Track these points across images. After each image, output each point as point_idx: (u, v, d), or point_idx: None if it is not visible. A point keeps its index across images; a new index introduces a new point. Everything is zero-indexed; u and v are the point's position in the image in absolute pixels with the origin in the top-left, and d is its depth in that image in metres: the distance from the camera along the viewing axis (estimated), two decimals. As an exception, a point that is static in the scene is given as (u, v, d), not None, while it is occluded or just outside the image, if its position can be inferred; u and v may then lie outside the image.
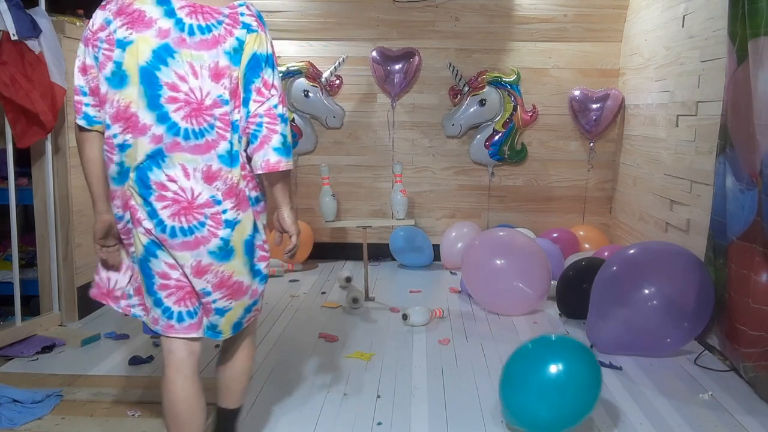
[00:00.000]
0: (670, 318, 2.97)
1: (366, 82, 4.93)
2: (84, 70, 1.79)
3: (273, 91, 1.77)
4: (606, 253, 4.00)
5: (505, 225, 4.85)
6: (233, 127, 1.75)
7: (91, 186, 1.88)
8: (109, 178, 1.83)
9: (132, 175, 1.74)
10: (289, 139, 1.80)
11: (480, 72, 4.83)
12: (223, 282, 1.80)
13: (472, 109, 4.80)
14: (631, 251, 3.24)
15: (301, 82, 4.85)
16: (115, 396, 2.58)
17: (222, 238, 1.77)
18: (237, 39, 1.72)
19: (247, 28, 1.74)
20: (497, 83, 4.81)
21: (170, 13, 1.70)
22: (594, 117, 4.76)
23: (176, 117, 1.70)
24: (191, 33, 1.69)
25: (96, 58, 1.75)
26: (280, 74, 4.78)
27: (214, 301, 1.82)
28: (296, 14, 4.85)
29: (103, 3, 1.79)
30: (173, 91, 1.69)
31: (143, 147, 1.71)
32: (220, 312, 1.84)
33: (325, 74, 4.84)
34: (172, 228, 1.74)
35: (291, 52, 4.89)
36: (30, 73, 3.03)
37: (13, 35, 2.94)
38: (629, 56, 4.66)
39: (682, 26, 3.70)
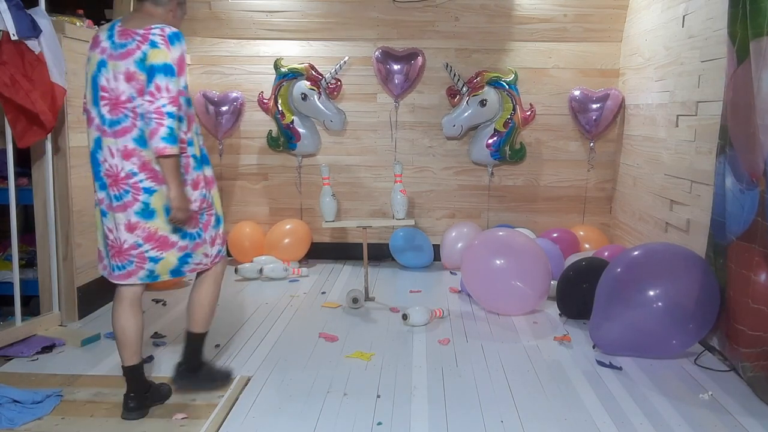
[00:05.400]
0: (675, 319, 2.96)
1: (366, 82, 4.92)
2: None
3: (164, 93, 2.24)
4: (606, 253, 4.00)
5: (505, 225, 4.85)
6: (142, 117, 2.27)
7: None
8: None
9: (88, 156, 2.40)
10: (177, 130, 2.27)
11: (478, 72, 4.83)
12: (151, 236, 2.36)
13: (472, 110, 4.80)
14: (636, 252, 3.23)
15: (301, 84, 4.83)
16: (115, 396, 2.57)
17: (143, 202, 2.34)
18: (143, 52, 2.27)
19: (152, 44, 2.26)
20: (496, 83, 4.80)
21: (110, 36, 2.33)
22: (594, 117, 4.76)
23: (104, 111, 2.32)
24: (115, 48, 2.30)
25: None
26: (281, 77, 4.83)
27: (146, 251, 2.38)
28: (296, 14, 4.85)
29: None
30: (103, 92, 2.32)
31: (92, 134, 2.37)
32: (154, 260, 2.40)
33: (326, 77, 4.84)
34: (111, 196, 2.34)
35: (291, 52, 4.89)
36: (30, 73, 3.03)
37: (13, 35, 2.94)
38: (629, 56, 4.66)
39: (682, 26, 3.70)
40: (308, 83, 4.82)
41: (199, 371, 2.67)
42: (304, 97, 4.83)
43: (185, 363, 2.66)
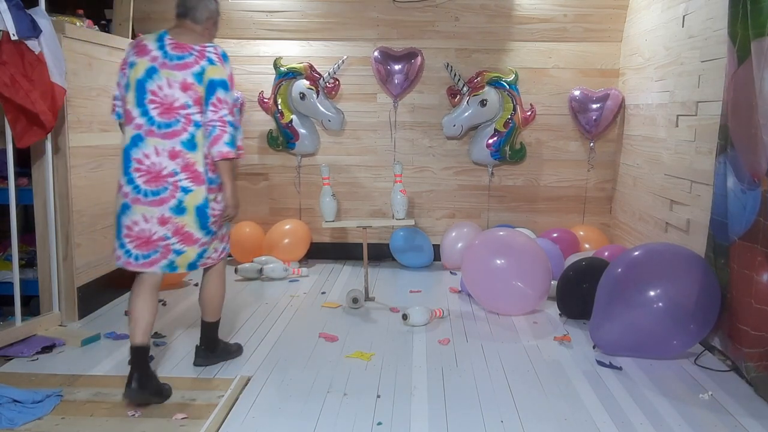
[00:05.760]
0: (676, 320, 2.95)
1: (366, 82, 4.92)
2: (118, 85, 2.64)
3: (224, 105, 2.55)
4: (606, 253, 4.01)
5: (505, 225, 4.85)
6: (195, 124, 2.54)
7: None
8: None
9: (121, 152, 2.58)
10: (236, 137, 2.59)
11: (478, 72, 4.82)
12: (178, 230, 2.57)
13: (473, 110, 4.79)
14: (636, 253, 3.23)
15: (299, 84, 4.84)
16: (115, 396, 2.58)
17: (178, 199, 2.55)
18: (201, 67, 2.54)
19: (210, 61, 2.55)
20: (496, 83, 4.80)
21: (161, 47, 2.56)
22: (594, 117, 4.76)
23: (153, 113, 2.53)
24: (170, 59, 2.54)
25: (123, 77, 2.61)
26: (280, 76, 4.83)
27: (172, 244, 2.58)
28: (296, 14, 4.85)
29: (131, 43, 2.65)
30: (153, 95, 2.54)
31: (130, 132, 2.56)
32: (177, 252, 2.60)
33: (324, 76, 4.84)
34: (145, 190, 2.53)
35: (291, 52, 4.89)
36: (30, 73, 3.03)
37: (13, 35, 2.94)
38: (629, 56, 4.66)
39: (682, 26, 3.70)
40: (307, 83, 4.82)
41: (216, 350, 3.00)
42: (303, 96, 4.83)
43: (204, 345, 2.97)
